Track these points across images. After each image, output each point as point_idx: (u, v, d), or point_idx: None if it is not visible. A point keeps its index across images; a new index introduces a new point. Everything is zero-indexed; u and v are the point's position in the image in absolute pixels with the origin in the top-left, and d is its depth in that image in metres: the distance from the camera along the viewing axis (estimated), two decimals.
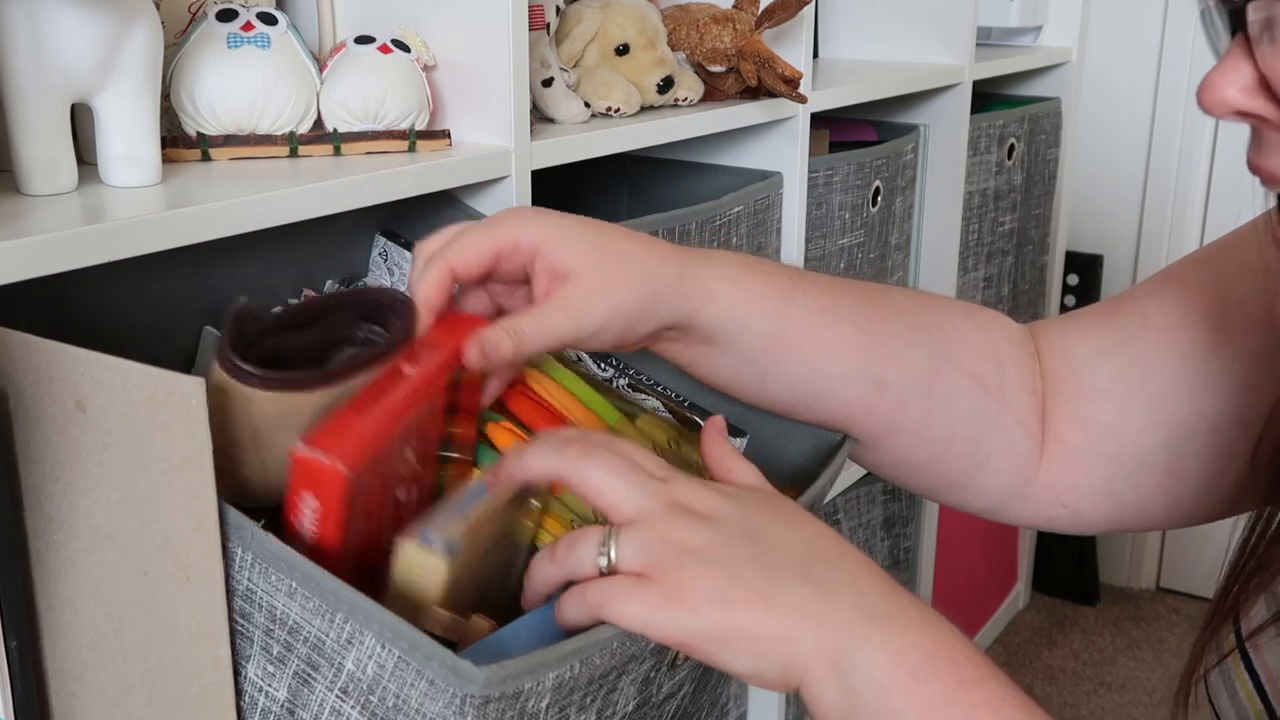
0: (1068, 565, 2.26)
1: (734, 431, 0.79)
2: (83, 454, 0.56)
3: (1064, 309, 2.17)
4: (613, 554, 0.53)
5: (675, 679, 0.61)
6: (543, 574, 0.56)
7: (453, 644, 0.60)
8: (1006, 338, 0.75)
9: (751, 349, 0.68)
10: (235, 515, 0.53)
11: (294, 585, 0.52)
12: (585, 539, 0.54)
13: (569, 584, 0.56)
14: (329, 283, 0.88)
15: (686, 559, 0.52)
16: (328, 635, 0.52)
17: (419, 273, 0.64)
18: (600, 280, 0.62)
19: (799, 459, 0.77)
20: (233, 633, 0.55)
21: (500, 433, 0.70)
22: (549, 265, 0.63)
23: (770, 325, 0.67)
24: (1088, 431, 0.73)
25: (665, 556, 0.52)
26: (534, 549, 0.67)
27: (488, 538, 0.61)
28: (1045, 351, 0.76)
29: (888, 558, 1.68)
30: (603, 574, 0.53)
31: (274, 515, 0.58)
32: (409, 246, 0.89)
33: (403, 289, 0.88)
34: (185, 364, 0.82)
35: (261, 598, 0.54)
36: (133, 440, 0.54)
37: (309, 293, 0.86)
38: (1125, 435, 0.71)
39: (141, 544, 0.56)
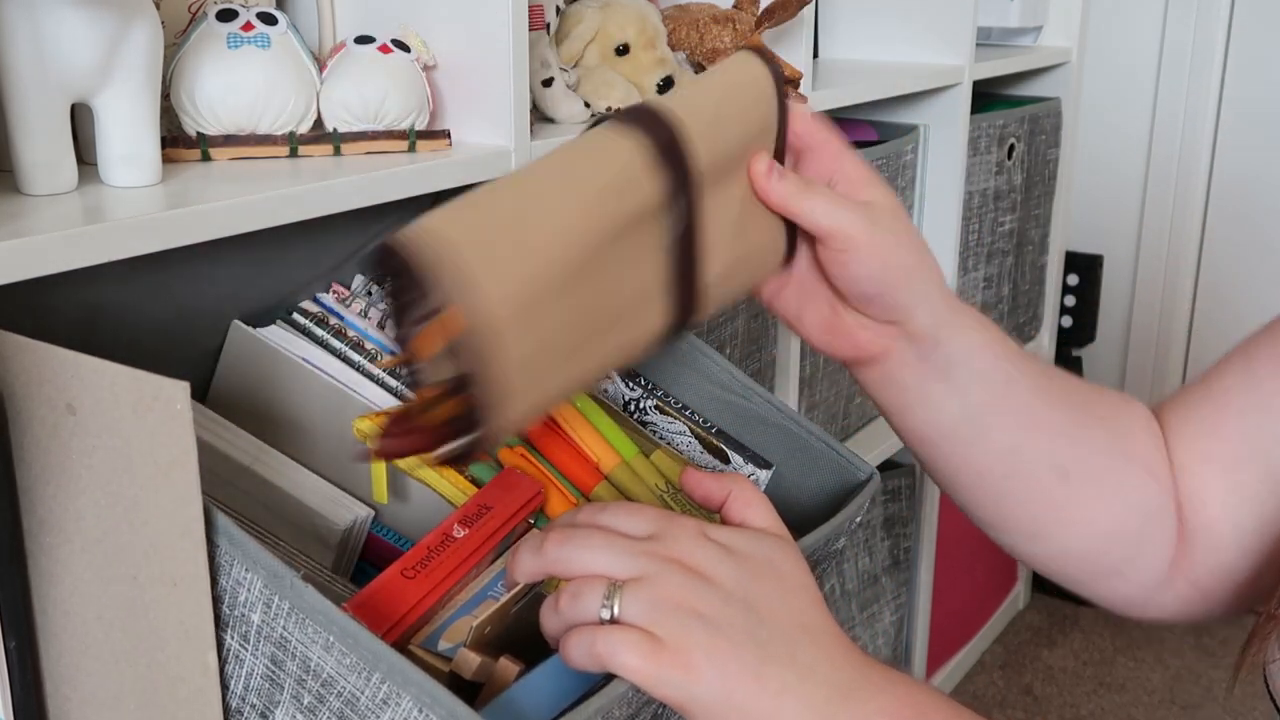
0: None
1: (760, 463, 0.78)
2: (73, 456, 0.56)
3: (1064, 309, 2.17)
4: (616, 608, 0.53)
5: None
6: (548, 623, 0.56)
7: (478, 686, 0.61)
8: (1152, 432, 0.74)
9: (979, 402, 0.69)
10: (272, 561, 0.53)
11: (331, 639, 0.52)
12: (590, 589, 0.54)
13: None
14: (358, 277, 0.88)
15: (691, 623, 0.52)
16: (363, 692, 0.52)
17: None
18: (882, 236, 0.65)
19: (823, 495, 0.76)
20: (263, 677, 0.55)
21: (514, 460, 0.69)
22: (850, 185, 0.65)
23: (1001, 385, 0.69)
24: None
25: (670, 617, 0.52)
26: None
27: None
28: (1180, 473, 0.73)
29: (888, 558, 1.68)
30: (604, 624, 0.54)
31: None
32: None
33: None
34: (211, 360, 0.82)
35: (296, 647, 0.53)
36: (120, 443, 0.54)
37: (338, 287, 0.86)
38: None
39: (130, 548, 0.55)
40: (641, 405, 0.80)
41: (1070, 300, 2.26)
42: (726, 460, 0.79)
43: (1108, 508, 0.72)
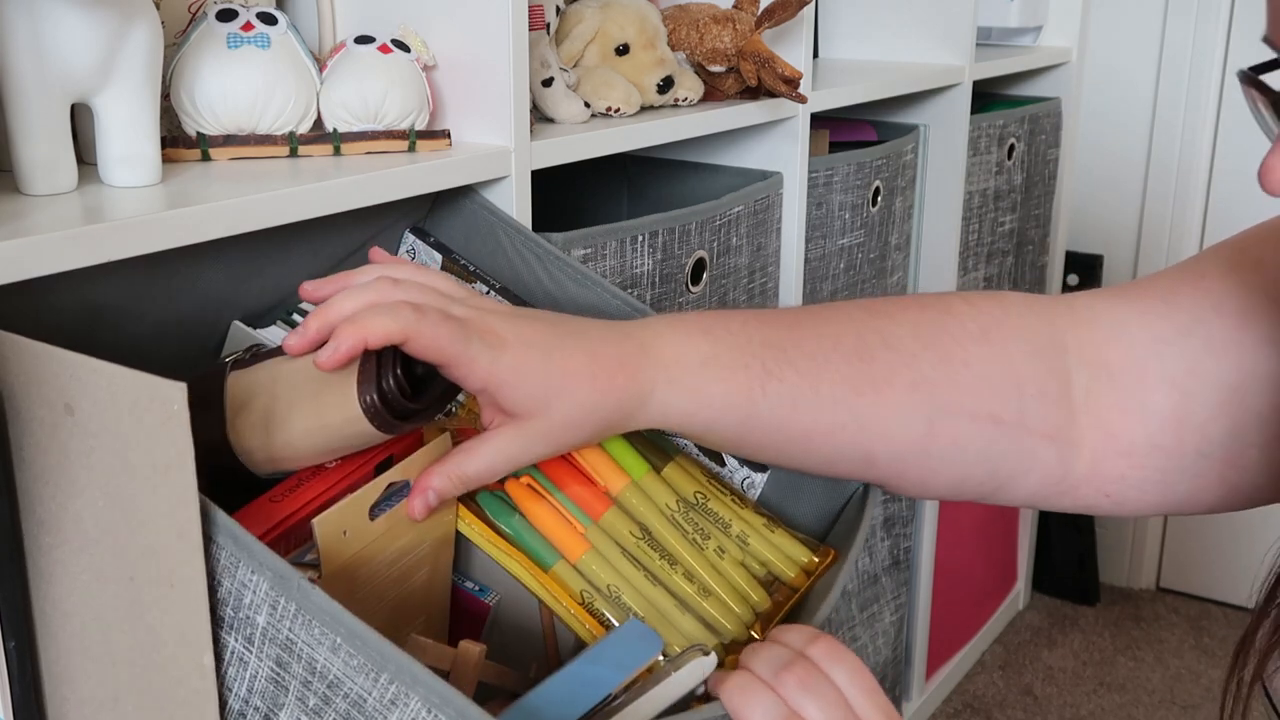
0: (1068, 565, 2.26)
1: (755, 466, 0.78)
2: (71, 457, 0.56)
3: None
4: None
5: None
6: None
7: (444, 673, 0.61)
8: (1026, 350, 0.71)
9: (725, 443, 0.68)
10: (278, 563, 0.53)
11: (338, 640, 0.52)
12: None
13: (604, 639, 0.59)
14: None
15: None
16: (370, 694, 0.52)
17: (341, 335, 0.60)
18: (545, 430, 0.62)
19: (822, 495, 0.76)
20: (267, 679, 0.55)
21: (520, 489, 0.68)
22: (495, 403, 0.62)
23: (735, 429, 0.66)
24: (1147, 422, 0.69)
25: None
26: (543, 606, 0.68)
27: (392, 552, 0.63)
28: (1100, 340, 0.71)
29: (888, 557, 1.68)
30: None
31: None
32: (438, 246, 0.89)
33: None
34: (211, 360, 0.81)
35: (302, 649, 0.53)
36: (118, 444, 0.54)
37: None
38: (1187, 426, 0.68)
39: (128, 549, 0.55)
40: None
41: None
42: (722, 463, 0.79)
43: (942, 466, 0.69)
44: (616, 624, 0.67)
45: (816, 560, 0.72)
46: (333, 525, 0.59)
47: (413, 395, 0.62)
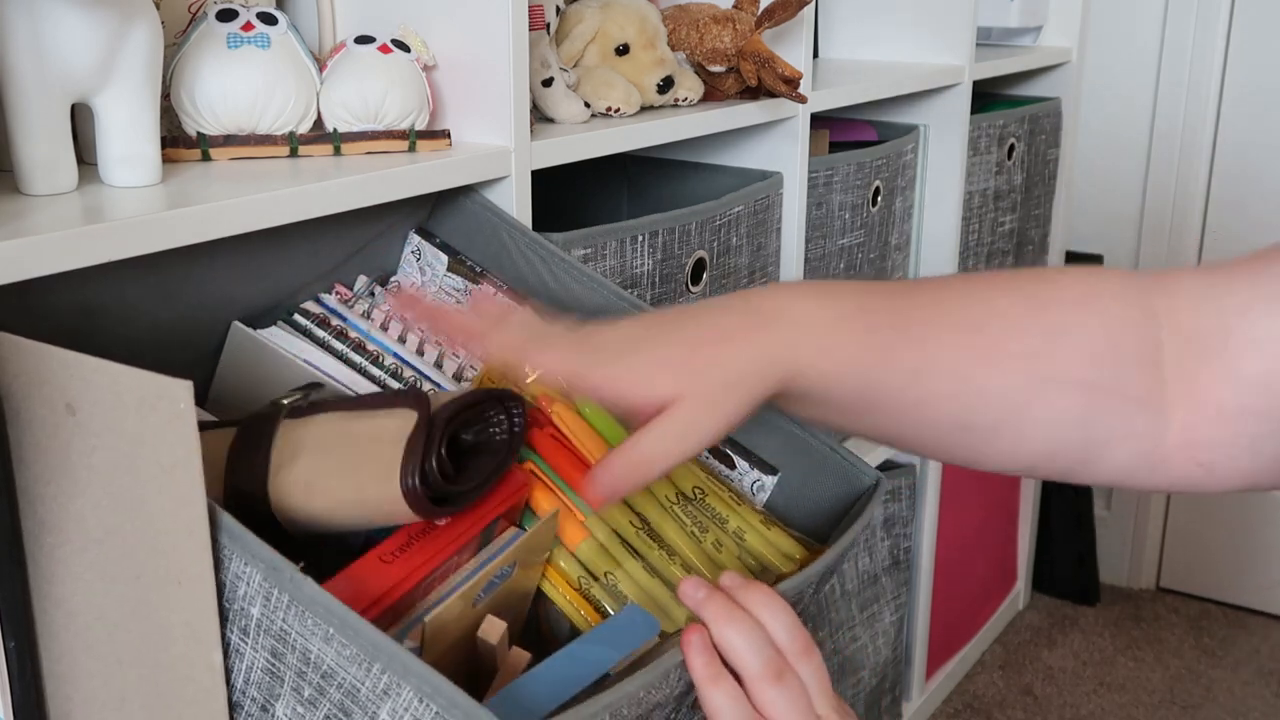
0: (1067, 565, 2.26)
1: (766, 469, 0.78)
2: (73, 457, 0.56)
3: None
4: None
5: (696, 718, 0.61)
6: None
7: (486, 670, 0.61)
8: (1122, 316, 0.71)
9: (838, 409, 0.69)
10: (271, 554, 0.53)
11: (331, 631, 0.52)
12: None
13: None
14: (360, 278, 0.88)
15: None
16: (363, 684, 0.52)
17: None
18: (693, 403, 0.62)
19: (830, 500, 0.76)
20: (263, 670, 0.55)
21: (519, 470, 0.69)
22: (632, 407, 0.62)
23: (857, 395, 0.67)
24: (1238, 387, 0.69)
25: None
26: (540, 594, 0.68)
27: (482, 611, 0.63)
28: (1186, 306, 0.72)
29: (888, 557, 1.68)
30: None
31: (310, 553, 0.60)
32: (443, 247, 0.89)
33: (434, 290, 0.89)
34: (211, 361, 0.82)
35: (296, 639, 0.53)
36: (123, 443, 0.54)
37: (341, 289, 0.86)
38: (1275, 390, 0.68)
39: (134, 548, 0.55)
40: None
41: None
42: (732, 466, 0.79)
43: (1038, 433, 0.70)
44: (613, 612, 0.67)
45: (812, 558, 0.72)
46: (440, 622, 0.59)
47: (456, 475, 0.62)
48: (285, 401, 0.66)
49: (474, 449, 0.65)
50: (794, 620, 0.60)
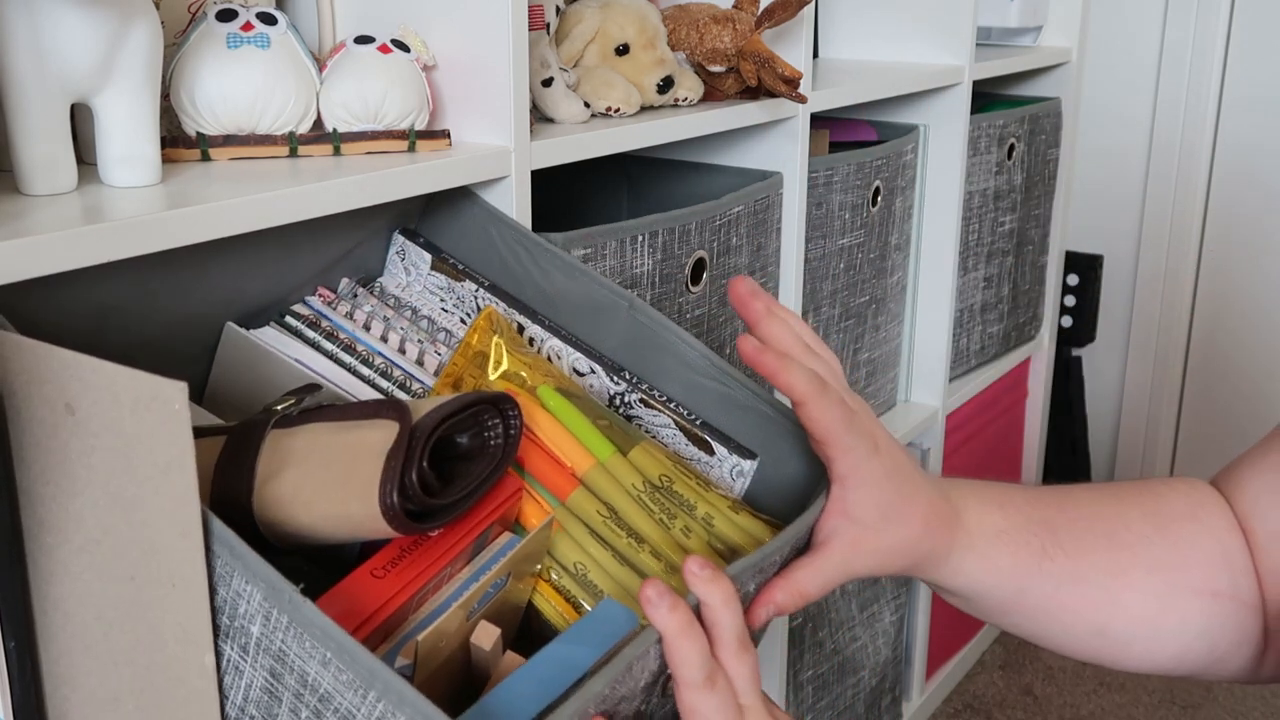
0: None
1: (744, 454, 0.78)
2: (72, 457, 0.56)
3: (1064, 309, 2.17)
4: None
5: (666, 708, 0.61)
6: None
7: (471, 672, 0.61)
8: (1225, 525, 0.76)
9: (985, 608, 0.75)
10: (271, 573, 0.53)
11: (328, 655, 0.52)
12: None
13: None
14: (344, 280, 0.88)
15: None
16: (359, 710, 0.52)
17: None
18: (875, 547, 0.67)
19: (810, 483, 0.76)
20: (262, 689, 0.55)
21: None
22: (844, 500, 0.67)
23: (1008, 598, 0.73)
24: (1269, 580, 0.74)
25: None
26: (530, 607, 0.68)
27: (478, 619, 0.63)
28: (1243, 512, 0.76)
29: None
30: None
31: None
32: (427, 246, 0.89)
33: (418, 289, 0.88)
34: (207, 361, 0.82)
35: (294, 661, 0.53)
36: (119, 444, 0.54)
37: (324, 291, 0.86)
38: None
39: (129, 549, 0.55)
40: (627, 399, 0.81)
41: (1070, 300, 2.26)
42: (711, 452, 0.79)
43: (1167, 643, 0.74)
44: (583, 603, 0.67)
45: None
46: (435, 639, 0.59)
47: (444, 485, 0.62)
48: (277, 408, 0.66)
49: (468, 454, 0.65)
50: (737, 619, 0.60)
